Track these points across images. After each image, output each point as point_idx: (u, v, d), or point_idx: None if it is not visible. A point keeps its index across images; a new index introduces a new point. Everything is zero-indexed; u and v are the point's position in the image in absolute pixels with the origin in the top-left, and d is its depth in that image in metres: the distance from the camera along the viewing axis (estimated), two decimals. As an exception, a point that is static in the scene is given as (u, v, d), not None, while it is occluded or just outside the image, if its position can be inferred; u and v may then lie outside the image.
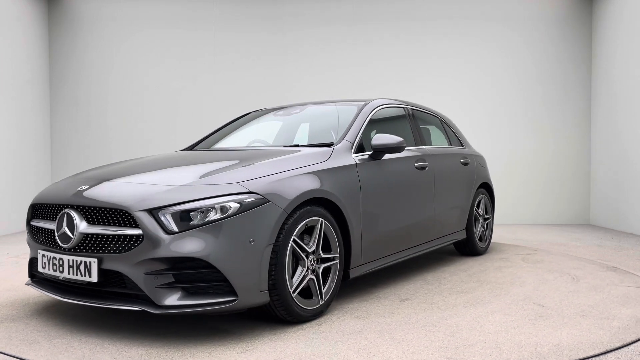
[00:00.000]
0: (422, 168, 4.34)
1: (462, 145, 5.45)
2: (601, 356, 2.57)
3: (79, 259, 2.80)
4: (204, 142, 4.56)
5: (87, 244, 2.81)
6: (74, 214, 2.86)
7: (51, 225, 3.01)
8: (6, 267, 4.76)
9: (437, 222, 4.55)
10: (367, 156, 3.75)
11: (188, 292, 2.70)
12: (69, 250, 2.86)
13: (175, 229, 2.67)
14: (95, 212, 2.83)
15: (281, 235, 2.89)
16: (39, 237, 3.12)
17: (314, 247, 3.11)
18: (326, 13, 8.35)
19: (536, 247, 5.86)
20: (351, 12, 8.37)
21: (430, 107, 5.90)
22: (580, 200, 8.39)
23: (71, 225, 2.85)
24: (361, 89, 8.18)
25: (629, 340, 2.75)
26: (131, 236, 2.70)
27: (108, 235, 2.75)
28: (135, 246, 2.67)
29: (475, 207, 5.25)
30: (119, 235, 2.72)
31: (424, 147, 4.54)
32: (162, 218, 2.68)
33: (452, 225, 4.87)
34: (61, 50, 8.19)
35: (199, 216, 2.69)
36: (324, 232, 3.21)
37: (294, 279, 2.99)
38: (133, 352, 2.60)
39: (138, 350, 2.62)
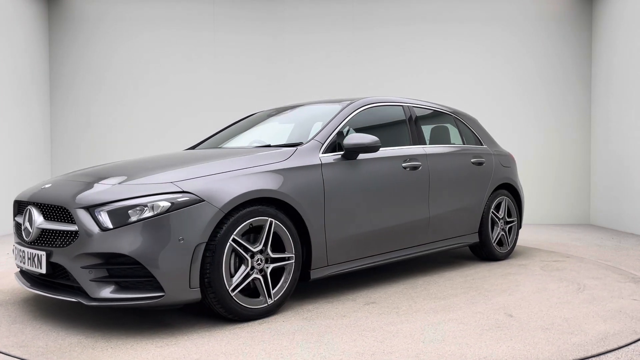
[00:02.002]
0: (414, 168, 4.18)
1: (482, 144, 5.17)
2: (601, 356, 2.53)
3: (33, 251, 3.04)
4: (207, 141, 4.69)
5: (43, 238, 3.04)
6: (33, 210, 3.11)
7: (21, 220, 3.29)
8: (8, 265, 5.01)
9: (435, 224, 4.35)
10: (339, 156, 3.70)
11: (121, 286, 2.83)
12: (30, 243, 3.11)
13: (110, 225, 2.81)
14: (50, 209, 3.05)
15: (218, 235, 2.94)
16: (17, 231, 3.42)
17: (259, 247, 3.13)
18: (326, 14, 8.33)
19: (570, 254, 5.41)
20: (352, 13, 8.32)
21: (447, 104, 5.65)
22: (580, 200, 8.35)
23: (31, 220, 3.10)
24: (362, 90, 8.14)
25: (570, 358, 2.50)
26: (71, 232, 2.88)
27: (56, 230, 2.97)
28: (73, 241, 2.85)
29: (492, 210, 4.95)
30: (63, 231, 2.92)
31: (420, 146, 4.37)
32: (98, 215, 2.83)
33: (459, 228, 4.64)
34: (61, 50, 8.23)
35: (132, 214, 2.82)
36: (276, 233, 3.22)
37: (235, 277, 3.03)
38: (68, 340, 2.78)
39: (72, 339, 2.79)
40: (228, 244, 2.98)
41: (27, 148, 7.69)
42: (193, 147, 4.66)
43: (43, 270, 2.98)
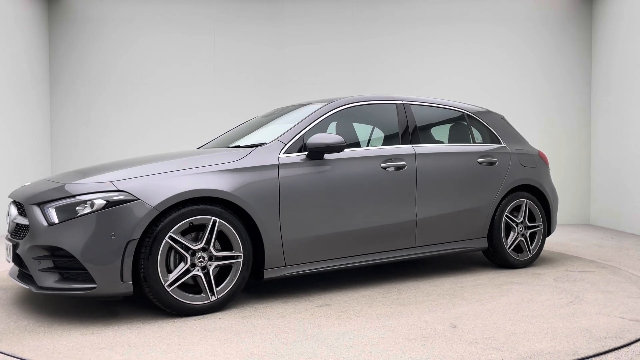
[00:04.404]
0: (399, 168, 4.03)
1: (500, 143, 4.81)
2: (601, 356, 2.53)
3: (8, 243, 3.41)
4: (215, 140, 4.81)
5: (16, 231, 3.39)
6: (11, 206, 3.49)
7: None
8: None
9: (424, 227, 4.15)
10: (304, 156, 3.68)
11: (63, 277, 3.09)
12: (10, 235, 3.48)
13: (56, 221, 3.08)
14: (19, 205, 3.40)
15: (152, 232, 3.09)
16: None
17: (200, 245, 3.22)
18: (328, 17, 8.19)
19: (608, 265, 4.84)
20: (353, 17, 8.17)
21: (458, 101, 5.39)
22: (580, 200, 8.32)
23: (9, 215, 3.48)
24: (362, 91, 7.96)
25: (460, 375, 2.29)
26: (25, 225, 3.20)
27: (21, 225, 3.30)
28: (26, 235, 3.16)
29: (506, 213, 4.59)
30: (24, 225, 3.25)
31: (409, 145, 4.18)
32: (46, 211, 3.11)
33: (460, 232, 4.37)
34: (61, 51, 8.19)
35: (74, 211, 3.06)
36: (222, 231, 3.30)
37: (172, 274, 3.15)
38: (20, 323, 3.09)
39: (23, 322, 3.09)
40: (164, 241, 3.11)
41: (27, 149, 7.66)
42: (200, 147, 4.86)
43: (10, 260, 3.33)
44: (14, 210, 3.45)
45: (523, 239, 4.71)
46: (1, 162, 7.15)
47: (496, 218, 4.56)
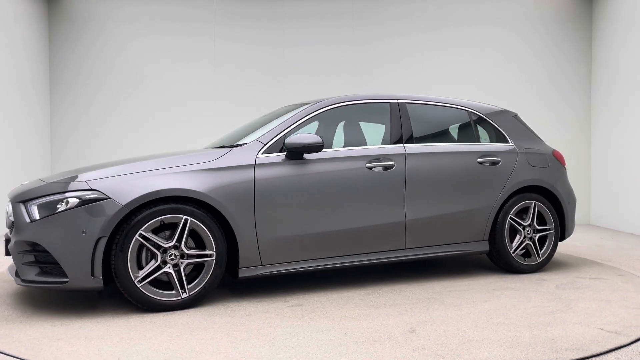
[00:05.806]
0: (386, 168, 3.95)
1: (508, 142, 4.59)
2: (601, 356, 2.55)
3: (4, 238, 3.65)
4: (223, 138, 4.88)
5: (12, 227, 3.63)
6: (9, 204, 3.73)
7: None
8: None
9: (415, 229, 4.04)
10: (283, 156, 3.69)
11: (43, 271, 3.27)
12: (9, 232, 3.73)
13: (37, 217, 3.27)
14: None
15: (123, 229, 3.21)
16: None
17: (172, 243, 3.31)
18: (328, 15, 8.06)
19: (629, 271, 4.51)
20: (353, 15, 8.04)
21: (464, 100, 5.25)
22: (580, 200, 7.74)
23: (7, 212, 3.73)
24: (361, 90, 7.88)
25: (382, 381, 2.23)
26: (13, 222, 3.41)
27: (12, 221, 3.53)
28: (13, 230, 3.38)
29: (511, 215, 4.39)
30: (12, 221, 3.47)
31: (400, 145, 4.08)
32: (29, 209, 3.31)
33: (457, 234, 4.22)
34: (61, 51, 8.11)
35: (53, 208, 3.23)
36: (194, 230, 3.38)
37: (142, 270, 3.26)
38: (3, 313, 3.30)
39: (5, 314, 3.30)
40: (135, 238, 3.23)
41: (27, 148, 7.58)
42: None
43: (3, 254, 3.57)
44: (10, 208, 3.69)
45: (531, 243, 4.48)
46: (2, 161, 7.09)
47: (499, 220, 4.37)
